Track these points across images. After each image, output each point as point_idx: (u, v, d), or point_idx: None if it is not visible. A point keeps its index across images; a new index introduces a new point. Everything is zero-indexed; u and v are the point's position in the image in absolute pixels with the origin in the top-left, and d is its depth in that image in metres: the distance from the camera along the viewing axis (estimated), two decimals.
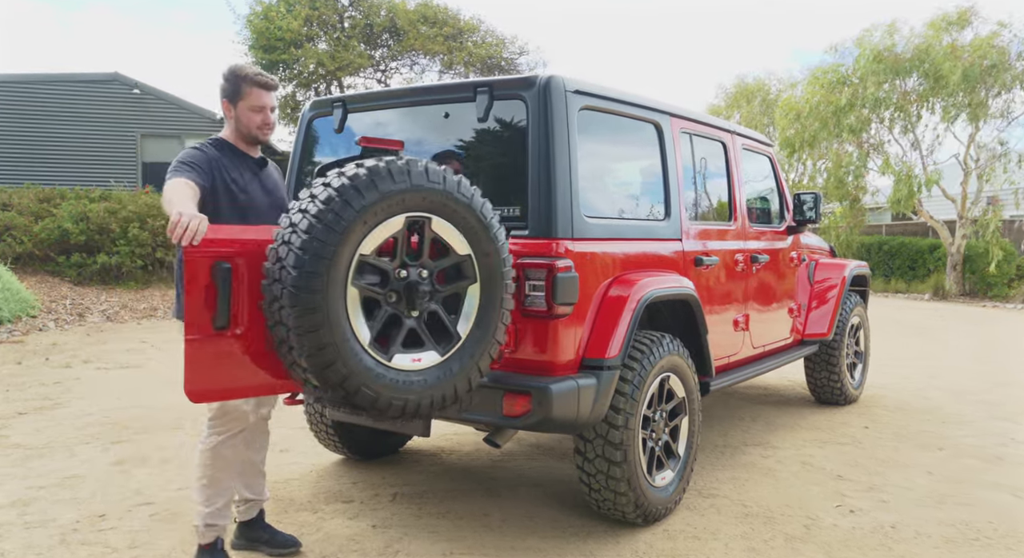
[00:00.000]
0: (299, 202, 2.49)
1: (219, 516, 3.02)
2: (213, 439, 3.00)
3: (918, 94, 17.85)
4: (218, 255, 2.47)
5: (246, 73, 3.00)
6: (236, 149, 3.06)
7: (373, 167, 2.51)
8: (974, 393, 6.53)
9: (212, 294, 2.46)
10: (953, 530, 3.52)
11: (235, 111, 3.01)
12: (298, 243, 2.38)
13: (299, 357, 2.44)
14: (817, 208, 5.08)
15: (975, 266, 17.45)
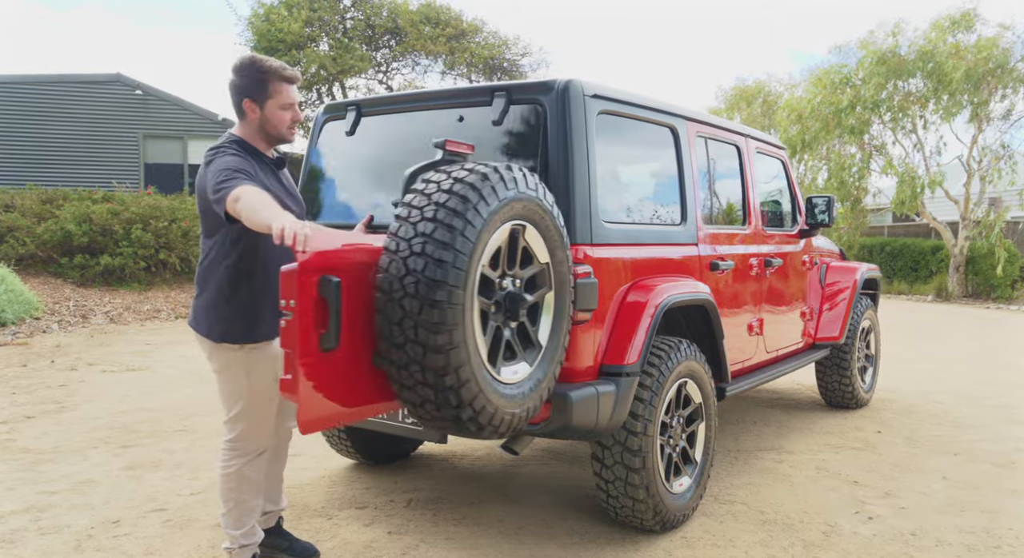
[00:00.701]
0: (416, 209, 2.37)
1: (251, 535, 2.96)
2: (237, 462, 2.87)
3: (921, 95, 17.85)
4: (327, 268, 2.29)
5: (271, 66, 2.71)
6: (256, 150, 2.82)
7: (491, 173, 2.45)
8: (984, 396, 6.51)
9: (322, 312, 2.27)
10: (974, 538, 3.49)
11: (262, 111, 2.73)
12: (435, 253, 2.28)
13: (433, 377, 2.33)
14: (830, 211, 5.05)
15: (978, 267, 17.44)
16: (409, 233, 2.35)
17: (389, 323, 2.34)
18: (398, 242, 2.36)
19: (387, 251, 2.38)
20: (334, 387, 2.35)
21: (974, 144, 17.92)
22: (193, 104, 17.30)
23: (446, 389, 2.35)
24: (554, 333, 2.77)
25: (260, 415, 2.86)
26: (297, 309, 2.20)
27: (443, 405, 2.39)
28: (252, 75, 2.70)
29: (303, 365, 2.22)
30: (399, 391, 2.46)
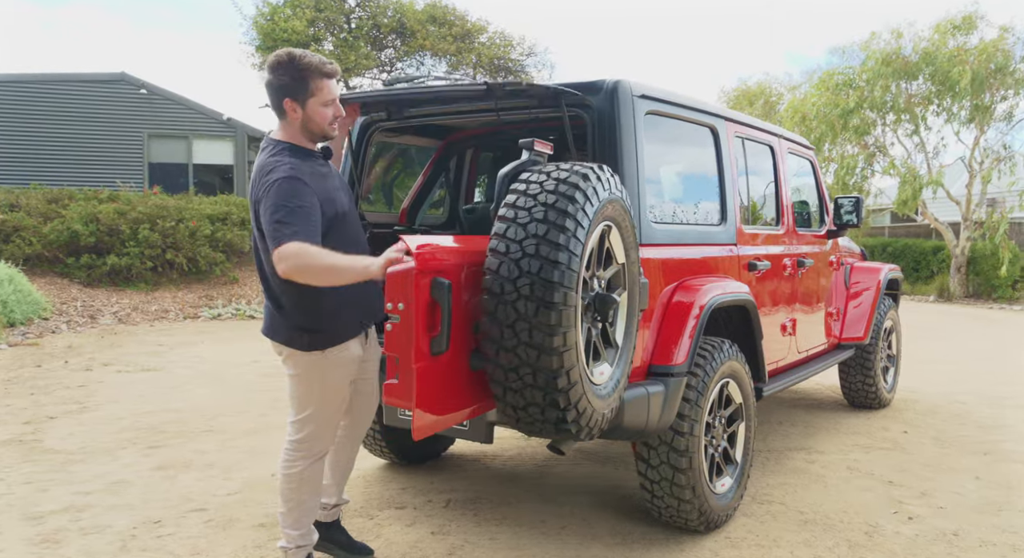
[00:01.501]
0: (523, 210, 2.35)
1: (308, 536, 2.94)
2: (301, 464, 2.82)
3: (924, 97, 17.94)
4: (438, 270, 2.26)
5: (311, 63, 2.58)
6: (304, 150, 2.69)
7: (591, 174, 2.46)
8: (1005, 397, 6.54)
9: (435, 315, 2.25)
10: (1017, 538, 3.50)
11: (304, 110, 2.62)
12: (550, 255, 2.26)
13: (544, 380, 2.31)
14: (858, 212, 5.07)
15: (979, 268, 17.53)
16: (520, 234, 2.32)
17: (500, 326, 2.32)
18: (508, 244, 2.34)
19: (495, 253, 2.35)
20: (442, 391, 2.34)
21: (976, 145, 18.01)
22: (198, 103, 17.26)
23: (557, 391, 2.35)
24: (628, 333, 2.78)
25: (329, 418, 2.84)
26: (409, 312, 2.17)
27: (550, 407, 2.39)
28: (292, 73, 2.59)
29: (417, 370, 2.19)
30: (502, 394, 2.44)
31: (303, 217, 2.43)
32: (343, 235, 2.71)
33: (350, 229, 2.79)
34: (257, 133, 17.58)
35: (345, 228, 2.75)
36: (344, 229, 2.74)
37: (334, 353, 2.74)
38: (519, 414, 2.48)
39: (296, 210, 2.43)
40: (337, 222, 2.70)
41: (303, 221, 2.42)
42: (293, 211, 2.42)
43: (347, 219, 2.77)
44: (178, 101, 17.38)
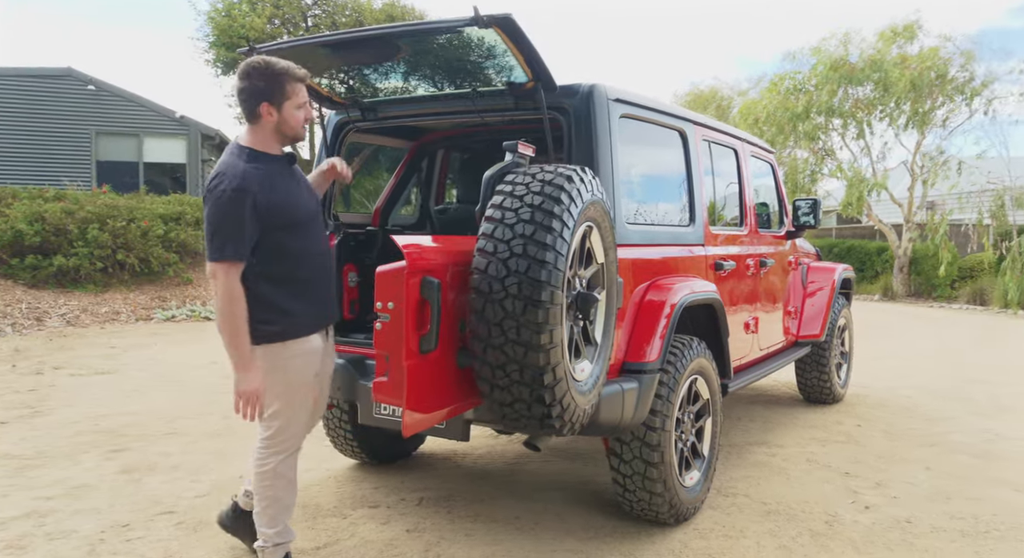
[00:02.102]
0: (509, 211, 2.41)
1: (284, 534, 2.95)
2: (273, 460, 2.86)
3: (868, 102, 18.53)
4: (427, 269, 2.31)
5: (284, 68, 2.67)
6: (271, 157, 2.76)
7: (575, 175, 2.52)
8: (948, 391, 6.82)
9: (425, 314, 2.29)
10: (964, 524, 3.68)
11: (280, 113, 2.69)
12: (537, 255, 2.31)
13: (531, 376, 2.36)
14: (815, 213, 5.25)
15: (920, 268, 18.16)
16: (507, 235, 2.38)
17: (488, 324, 2.37)
18: (495, 243, 2.39)
19: (483, 252, 2.40)
20: (431, 388, 2.39)
21: (917, 150, 18.67)
22: (149, 100, 16.86)
23: (543, 387, 2.40)
24: (606, 331, 2.85)
25: (297, 413, 2.87)
26: (399, 311, 2.21)
27: (536, 403, 2.44)
28: (266, 77, 2.66)
29: (408, 367, 2.23)
30: (489, 391, 2.49)
31: (235, 232, 2.58)
32: (306, 237, 2.81)
33: (313, 233, 2.86)
34: (211, 131, 17.27)
35: (308, 231, 2.84)
36: (307, 232, 2.83)
37: (295, 345, 2.79)
38: (505, 410, 2.53)
39: (229, 225, 2.57)
40: (300, 225, 2.79)
41: (234, 237, 2.57)
42: (226, 225, 2.57)
43: (311, 223, 2.86)
44: (128, 98, 16.95)
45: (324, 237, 2.98)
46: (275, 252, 2.71)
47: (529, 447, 3.37)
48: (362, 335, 3.77)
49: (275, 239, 2.69)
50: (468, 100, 3.45)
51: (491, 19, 2.70)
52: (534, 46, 2.89)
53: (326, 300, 2.90)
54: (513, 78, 3.20)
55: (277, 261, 2.73)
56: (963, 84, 17.82)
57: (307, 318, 2.81)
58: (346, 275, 3.83)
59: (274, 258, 2.71)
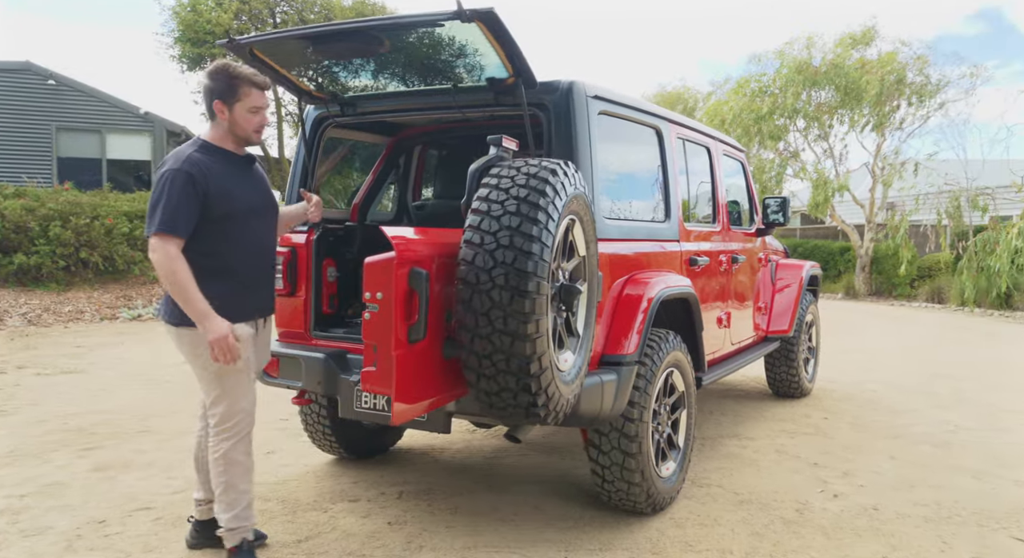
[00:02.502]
0: (495, 204, 2.47)
1: (241, 519, 3.00)
2: (224, 445, 2.96)
3: (831, 105, 18.92)
4: (415, 260, 2.35)
5: (243, 73, 2.88)
6: (225, 152, 2.97)
7: (558, 169, 2.58)
8: (910, 385, 7.02)
9: (413, 304, 2.34)
10: (928, 510, 3.81)
11: (230, 113, 2.89)
12: (523, 246, 2.36)
13: (518, 365, 2.41)
14: (784, 211, 5.38)
15: (882, 267, 18.59)
16: (493, 226, 2.43)
17: (475, 314, 2.42)
18: (482, 235, 2.44)
19: (470, 244, 2.45)
20: (418, 379, 2.43)
21: (878, 152, 19.11)
22: (112, 96, 16.55)
23: (529, 376, 2.45)
24: (588, 323, 2.91)
25: (237, 396, 2.94)
26: (387, 301, 2.25)
27: (523, 392, 2.49)
28: (222, 78, 2.86)
29: (396, 357, 2.27)
30: (475, 381, 2.53)
31: (171, 208, 2.72)
32: (244, 231, 2.94)
33: (253, 228, 2.98)
34: (176, 128, 17.02)
35: (248, 225, 2.95)
36: (247, 226, 2.95)
37: None
38: (491, 399, 2.58)
39: (167, 201, 2.73)
40: (239, 217, 2.92)
41: (170, 211, 2.72)
42: (164, 201, 2.73)
43: (253, 217, 2.97)
44: (89, 93, 16.62)
45: (271, 239, 3.14)
46: (211, 241, 2.85)
47: (510, 439, 3.41)
48: (341, 330, 3.78)
49: (212, 229, 2.84)
50: (448, 95, 3.48)
51: (473, 13, 2.74)
52: (516, 42, 2.93)
53: (259, 293, 3.03)
54: (494, 74, 3.24)
55: (212, 249, 2.87)
56: (920, 87, 18.30)
57: (234, 305, 2.89)
58: (325, 270, 3.84)
59: (209, 246, 2.85)
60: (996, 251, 14.35)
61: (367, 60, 3.41)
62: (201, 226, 2.81)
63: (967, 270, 15.17)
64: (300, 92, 3.68)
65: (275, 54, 3.39)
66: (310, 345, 3.71)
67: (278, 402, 5.94)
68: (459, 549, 3.27)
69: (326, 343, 3.69)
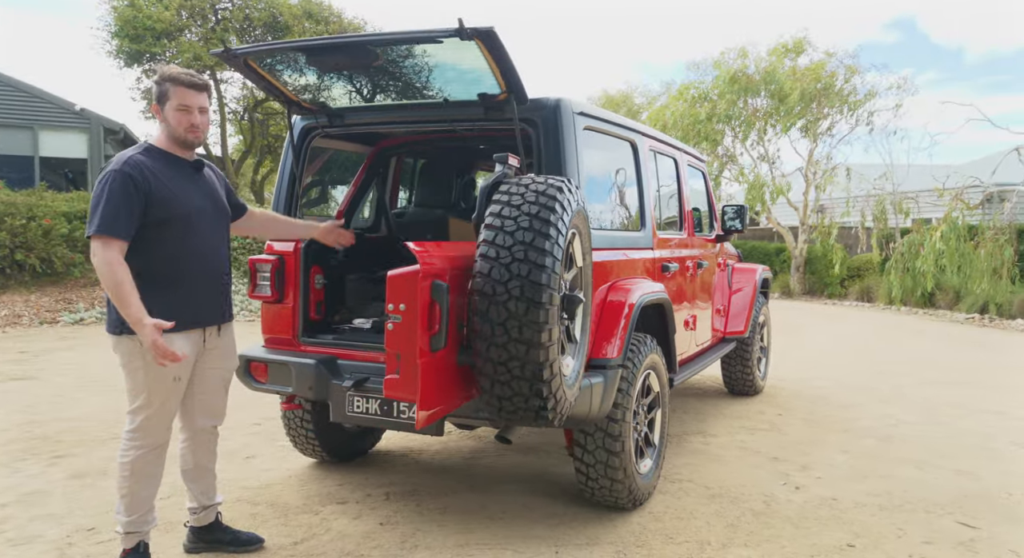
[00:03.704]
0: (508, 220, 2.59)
1: (141, 523, 3.04)
2: (131, 453, 2.97)
3: (765, 112, 19.66)
4: (436, 273, 2.46)
5: (172, 73, 2.93)
6: (168, 154, 2.98)
7: (564, 186, 2.73)
8: (853, 381, 7.44)
9: (435, 315, 2.45)
10: (881, 499, 4.11)
11: (164, 113, 2.94)
12: (537, 259, 2.49)
13: (531, 372, 2.54)
14: (742, 219, 5.66)
15: (814, 268, 19.39)
16: (508, 241, 2.57)
17: (492, 324, 2.55)
18: (498, 249, 2.57)
19: (485, 258, 2.58)
20: (439, 385, 2.55)
21: (810, 157, 19.93)
22: (44, 91, 15.95)
23: (542, 382, 2.59)
24: (584, 329, 3.07)
25: (159, 409, 2.97)
26: (411, 312, 2.37)
27: (534, 396, 2.63)
28: (157, 81, 2.97)
29: (421, 365, 2.39)
30: (489, 387, 2.66)
31: (110, 209, 2.73)
32: (185, 236, 2.94)
33: (195, 232, 2.98)
34: (115, 126, 16.53)
35: (189, 230, 2.95)
36: (188, 231, 2.95)
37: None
38: (504, 404, 2.72)
39: (106, 202, 2.74)
40: (178, 222, 2.92)
41: (111, 214, 2.73)
42: (103, 202, 2.74)
43: (195, 221, 2.97)
44: (19, 88, 15.99)
45: (213, 241, 3.09)
46: (148, 246, 2.86)
47: (501, 440, 3.56)
48: (330, 336, 3.86)
49: (151, 234, 2.84)
50: (437, 109, 3.60)
51: (474, 32, 2.86)
52: (511, 60, 3.08)
53: (200, 301, 3.01)
54: (485, 90, 3.37)
55: (148, 256, 2.87)
56: (847, 96, 19.17)
57: (169, 315, 2.84)
58: (312, 277, 3.91)
59: (146, 252, 2.85)
60: (921, 253, 15.13)
61: (360, 73, 3.50)
62: (139, 233, 2.82)
63: (894, 271, 15.95)
64: (290, 103, 3.74)
65: (269, 65, 3.45)
66: (299, 351, 3.78)
67: (251, 406, 5.95)
68: (453, 547, 3.40)
69: (315, 349, 3.77)
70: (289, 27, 15.94)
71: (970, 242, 14.81)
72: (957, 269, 14.79)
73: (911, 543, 3.54)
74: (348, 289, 4.18)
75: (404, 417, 3.48)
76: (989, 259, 14.54)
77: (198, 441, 3.24)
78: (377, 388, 3.47)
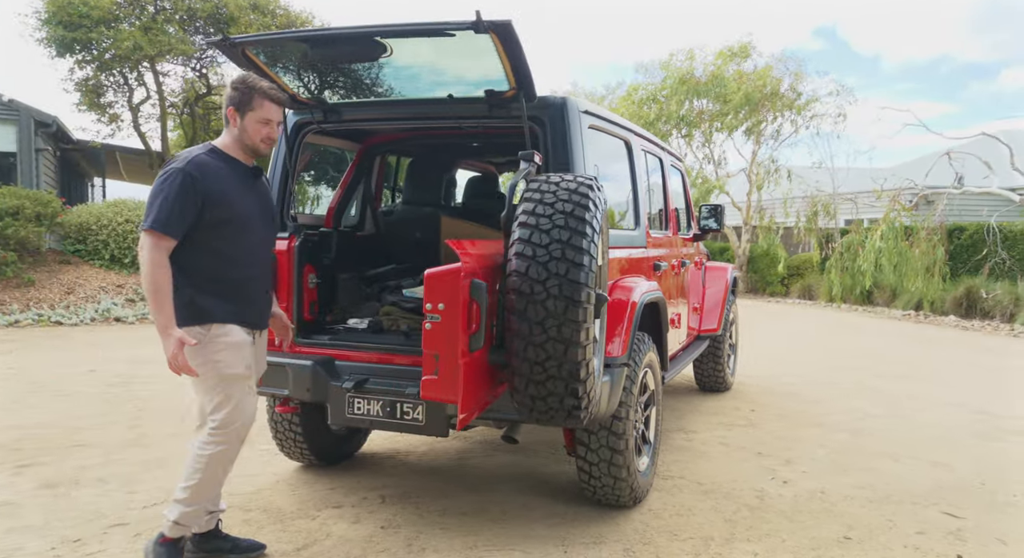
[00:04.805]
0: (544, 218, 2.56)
1: (193, 518, 3.01)
2: (211, 449, 2.94)
3: (711, 114, 20.10)
4: (475, 272, 2.42)
5: (260, 85, 2.96)
6: (230, 158, 3.01)
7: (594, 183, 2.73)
8: (817, 377, 7.66)
9: (474, 314, 2.42)
10: (867, 492, 4.23)
11: (241, 121, 2.96)
12: (575, 258, 2.44)
13: (568, 371, 2.51)
14: (717, 218, 5.75)
15: (756, 266, 19.92)
16: (544, 240, 2.53)
17: (529, 323, 2.50)
18: (534, 248, 2.52)
19: (522, 256, 2.53)
20: (477, 385, 2.49)
21: (754, 159, 20.45)
22: None
23: (578, 381, 2.57)
24: (602, 327, 3.05)
25: (240, 401, 2.96)
26: (453, 312, 2.32)
27: (569, 396, 2.60)
28: (241, 88, 2.95)
29: (463, 365, 2.33)
30: (523, 386, 2.60)
31: (166, 206, 2.76)
32: (238, 241, 2.96)
33: (250, 240, 3.00)
34: (47, 118, 15.77)
35: (243, 236, 2.97)
36: (241, 236, 2.96)
37: (217, 330, 2.91)
38: (536, 404, 2.68)
39: (164, 198, 2.77)
40: (234, 226, 2.94)
41: (166, 212, 2.76)
42: (160, 199, 2.77)
43: (249, 229, 2.99)
44: None
45: (263, 248, 3.13)
46: (207, 245, 2.89)
47: (507, 440, 3.52)
48: (326, 336, 3.76)
49: (209, 233, 2.87)
50: (440, 106, 3.54)
51: (491, 25, 2.81)
52: (525, 56, 3.04)
53: (249, 303, 3.02)
54: (493, 86, 3.32)
55: (207, 254, 2.90)
56: (791, 101, 19.75)
57: (225, 308, 2.92)
58: (306, 277, 3.80)
59: (205, 250, 2.89)
60: (861, 252, 15.68)
61: (363, 67, 3.41)
62: (196, 230, 2.84)
63: (835, 269, 16.49)
64: None
65: (268, 56, 3.34)
66: (295, 352, 3.66)
67: None
68: (461, 549, 3.34)
69: (311, 350, 3.67)
70: (235, 19, 15.45)
71: (905, 242, 15.41)
72: (894, 268, 15.38)
73: (904, 534, 3.64)
74: (340, 288, 4.08)
75: (409, 418, 3.41)
76: (923, 258, 15.16)
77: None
78: (378, 389, 3.40)
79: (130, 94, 17.55)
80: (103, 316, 11.62)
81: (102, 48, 15.97)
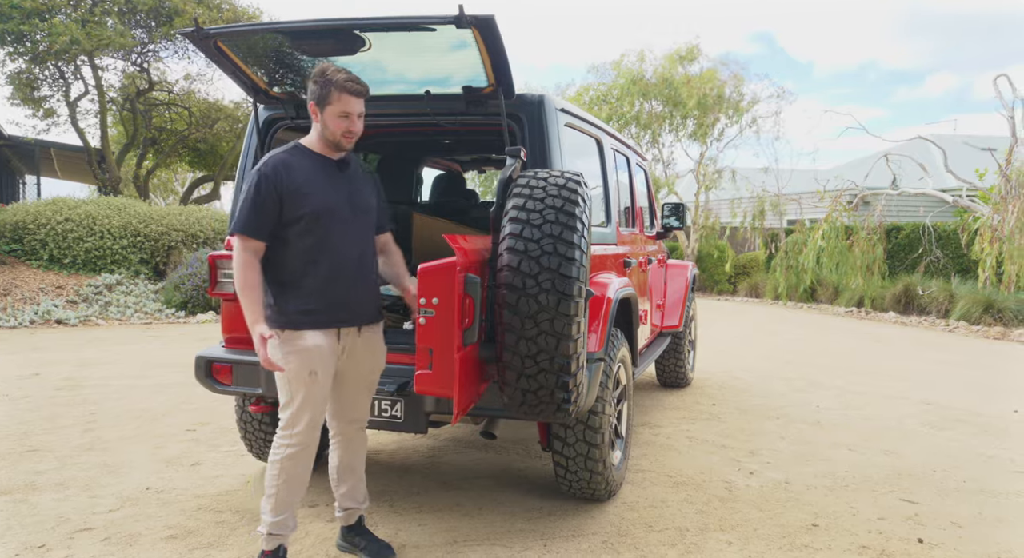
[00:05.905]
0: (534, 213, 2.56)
1: (283, 527, 2.96)
2: (280, 452, 2.89)
3: (660, 115, 20.45)
4: (469, 267, 2.41)
5: (336, 78, 2.82)
6: (313, 153, 2.92)
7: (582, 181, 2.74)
8: (769, 372, 7.85)
9: (469, 308, 2.40)
10: (828, 480, 4.37)
11: (322, 115, 2.85)
12: (566, 252, 2.45)
13: (559, 365, 2.52)
14: (681, 216, 5.85)
15: (704, 265, 20.33)
16: (536, 234, 2.54)
17: (521, 317, 2.50)
18: (526, 243, 2.53)
19: (514, 251, 2.53)
20: (470, 379, 2.50)
21: (701, 160, 20.88)
22: None
23: (568, 374, 2.59)
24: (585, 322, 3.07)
25: (304, 407, 2.86)
26: (447, 306, 2.31)
27: (560, 389, 2.63)
28: (319, 81, 2.85)
29: (458, 360, 2.32)
30: (514, 380, 2.61)
31: (248, 208, 2.80)
32: (319, 234, 2.86)
33: (334, 234, 2.87)
34: None
35: (324, 229, 2.85)
36: (322, 229, 2.85)
37: (289, 336, 2.85)
38: (527, 397, 2.69)
39: (247, 201, 2.80)
40: (313, 220, 2.83)
41: (247, 213, 2.79)
42: (245, 202, 2.80)
43: (331, 223, 2.87)
44: None
45: (352, 240, 2.95)
46: (284, 243, 2.85)
47: (486, 436, 3.55)
48: None
49: (286, 231, 2.83)
50: (417, 102, 3.52)
51: (473, 19, 2.81)
52: (505, 52, 3.05)
53: (333, 301, 2.87)
54: (471, 82, 3.33)
55: (284, 252, 2.86)
56: (736, 103, 20.24)
57: (303, 312, 2.84)
58: None
59: (282, 249, 2.85)
60: (804, 251, 16.15)
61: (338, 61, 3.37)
62: (281, 228, 2.82)
63: (780, 268, 16.94)
64: (257, 91, 3.57)
65: (241, 48, 3.27)
66: None
67: (178, 413, 5.64)
68: (442, 545, 3.34)
69: None
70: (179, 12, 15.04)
71: (846, 241, 15.93)
72: (836, 266, 15.88)
73: (866, 519, 3.78)
74: None
75: (387, 416, 3.41)
76: (863, 257, 15.70)
77: (340, 440, 3.20)
78: None
79: (67, 88, 16.95)
80: (43, 318, 11.20)
81: (35, 40, 15.38)
